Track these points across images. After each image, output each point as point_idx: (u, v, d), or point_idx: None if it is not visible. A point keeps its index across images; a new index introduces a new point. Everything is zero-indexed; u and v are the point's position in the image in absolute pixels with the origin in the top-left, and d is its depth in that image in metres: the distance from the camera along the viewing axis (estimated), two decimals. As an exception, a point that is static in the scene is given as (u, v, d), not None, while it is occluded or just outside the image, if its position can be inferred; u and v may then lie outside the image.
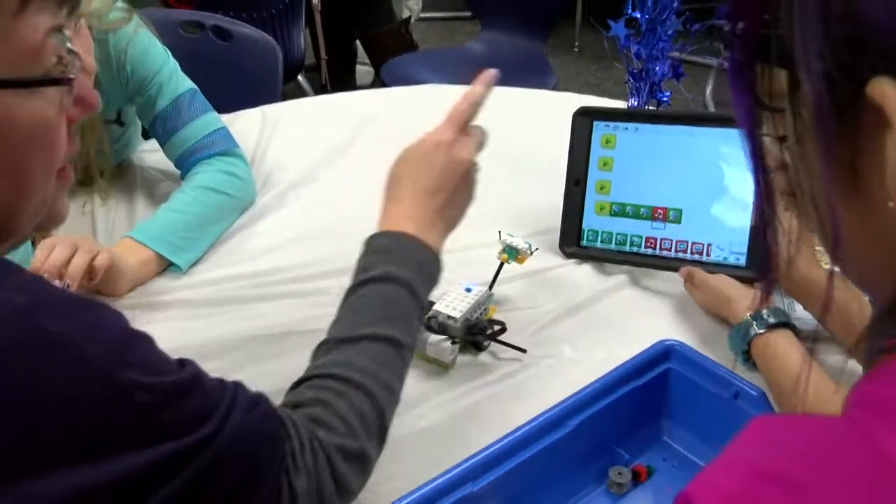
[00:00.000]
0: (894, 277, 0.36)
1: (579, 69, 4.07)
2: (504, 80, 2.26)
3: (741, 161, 1.07)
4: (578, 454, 0.87)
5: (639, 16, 1.22)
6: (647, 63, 1.23)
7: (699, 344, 1.07)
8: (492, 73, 0.91)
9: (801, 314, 1.11)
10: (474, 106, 0.90)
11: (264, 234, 1.28)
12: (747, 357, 1.03)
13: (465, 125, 0.89)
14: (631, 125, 1.17)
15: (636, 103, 1.29)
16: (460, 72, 2.63)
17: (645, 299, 1.17)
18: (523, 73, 2.63)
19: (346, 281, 1.16)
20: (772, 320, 1.02)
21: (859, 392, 0.37)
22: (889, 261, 0.36)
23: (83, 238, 1.09)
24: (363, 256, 0.83)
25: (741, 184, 1.10)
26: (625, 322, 1.13)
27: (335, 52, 2.99)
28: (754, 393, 0.88)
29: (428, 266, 0.84)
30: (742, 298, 1.07)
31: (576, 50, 4.26)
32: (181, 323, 1.11)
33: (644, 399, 0.92)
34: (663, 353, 0.93)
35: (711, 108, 3.57)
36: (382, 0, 3.04)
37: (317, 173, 1.43)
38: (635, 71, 1.25)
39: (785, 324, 1.02)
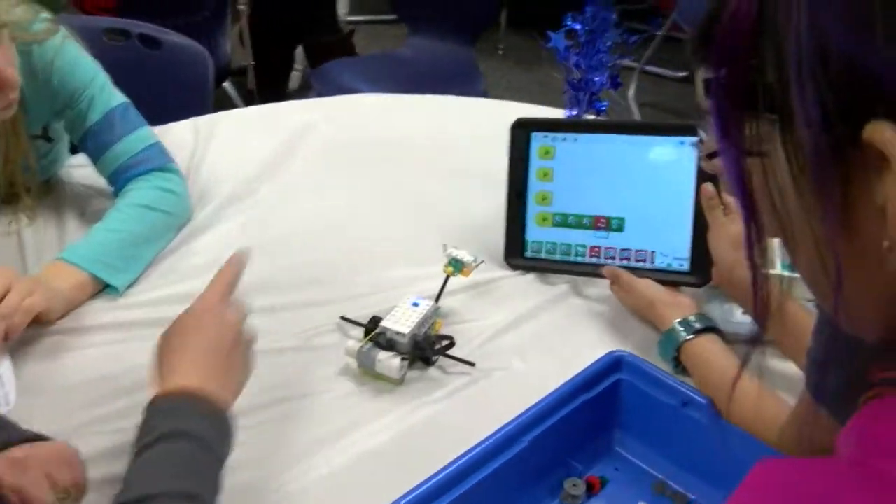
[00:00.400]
0: (884, 316, 0.37)
1: (504, 72, 4.09)
2: (434, 86, 2.29)
3: (681, 168, 1.10)
4: (533, 468, 0.87)
5: (578, 27, 1.23)
6: (587, 74, 1.25)
7: (643, 351, 1.08)
8: (241, 257, 0.91)
9: (740, 318, 1.14)
10: (236, 275, 0.90)
11: (203, 252, 1.25)
12: (677, 363, 1.05)
13: (229, 292, 0.89)
14: (570, 135, 1.18)
15: (575, 113, 1.30)
16: (391, 78, 2.65)
17: (589, 308, 1.18)
18: (453, 78, 2.64)
19: (287, 298, 1.16)
20: (699, 326, 1.04)
21: (860, 432, 0.37)
22: (878, 299, 0.36)
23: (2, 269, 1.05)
24: (147, 419, 0.77)
25: (681, 190, 1.12)
26: (571, 332, 1.14)
27: (271, 58, 2.95)
28: (703, 401, 0.89)
29: (218, 419, 0.79)
30: (668, 303, 1.09)
31: (500, 53, 4.28)
32: (119, 347, 1.07)
33: (596, 410, 0.92)
34: (613, 364, 0.94)
35: (635, 110, 3.63)
36: (327, 10, 3.01)
37: (254, 187, 1.40)
38: (574, 81, 1.27)
39: (711, 328, 1.05)
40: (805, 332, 1.02)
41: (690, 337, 1.04)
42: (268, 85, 2.93)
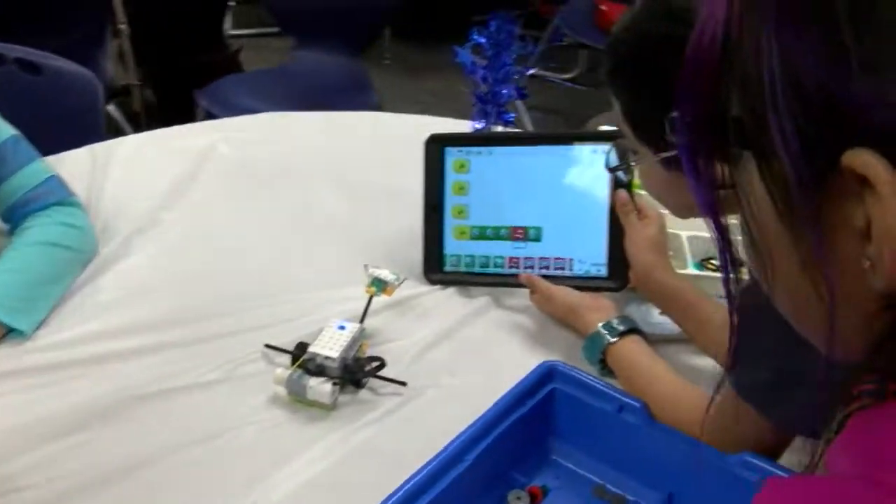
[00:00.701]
0: (864, 335, 0.38)
1: (390, 82, 4.08)
2: (326, 100, 2.27)
3: (595, 176, 1.12)
4: (479, 484, 0.87)
5: (483, 41, 1.24)
6: (494, 86, 1.26)
7: (568, 357, 1.10)
8: None
9: (658, 319, 1.17)
10: None
11: (110, 288, 1.20)
12: (603, 366, 1.08)
13: None
14: (484, 149, 1.19)
15: (483, 125, 1.31)
16: (282, 94, 2.61)
17: (511, 319, 1.19)
18: (344, 91, 2.62)
19: (207, 329, 1.13)
20: (622, 328, 1.07)
21: (858, 445, 0.38)
22: (858, 319, 0.37)
23: None
24: None
25: (596, 198, 1.14)
26: (496, 344, 1.15)
27: (162, 78, 2.86)
28: (638, 405, 0.91)
29: None
30: (590, 308, 1.12)
31: (386, 62, 4.29)
32: (30, 394, 1.02)
33: (533, 422, 0.93)
34: (546, 374, 0.95)
35: (524, 114, 3.69)
36: (213, 26, 2.93)
37: (159, 216, 1.36)
38: (482, 94, 1.28)
39: (634, 329, 1.08)
40: (722, 329, 1.06)
41: (615, 339, 1.06)
42: (167, 107, 2.84)
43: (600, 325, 1.08)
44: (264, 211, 1.40)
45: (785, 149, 0.34)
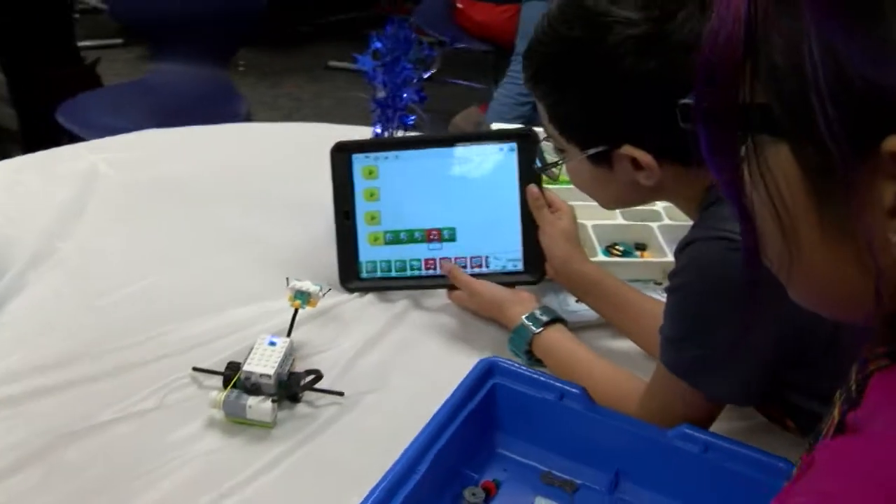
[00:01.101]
0: (872, 301, 0.42)
1: (250, 89, 4.01)
2: (194, 113, 2.22)
3: (503, 174, 1.15)
4: (436, 486, 0.88)
5: (380, 46, 1.25)
6: (393, 91, 1.27)
7: (494, 350, 1.13)
8: None
9: (575, 307, 1.22)
10: None
11: (13, 325, 1.14)
12: (530, 356, 1.11)
13: None
14: (391, 153, 1.19)
15: (381, 130, 1.32)
16: (146, 108, 2.53)
17: (433, 319, 1.21)
18: (212, 102, 2.55)
19: (128, 357, 1.09)
20: (545, 318, 1.11)
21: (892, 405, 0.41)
22: (866, 287, 0.41)
23: None
24: None
25: (506, 194, 1.17)
26: (423, 345, 1.16)
27: (18, 95, 2.69)
28: (577, 391, 0.95)
29: None
30: (512, 301, 1.15)
31: (241, 70, 4.20)
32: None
33: (478, 418, 0.95)
34: (487, 371, 0.98)
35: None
36: (65, 38, 2.78)
37: (53, 245, 1.29)
38: (381, 99, 1.28)
39: (556, 319, 1.12)
40: (639, 311, 1.12)
41: (539, 330, 1.10)
42: (24, 126, 2.68)
43: (524, 317, 1.11)
44: (165, 231, 1.36)
45: (830, 135, 0.37)
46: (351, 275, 1.23)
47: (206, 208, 1.42)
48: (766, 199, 0.42)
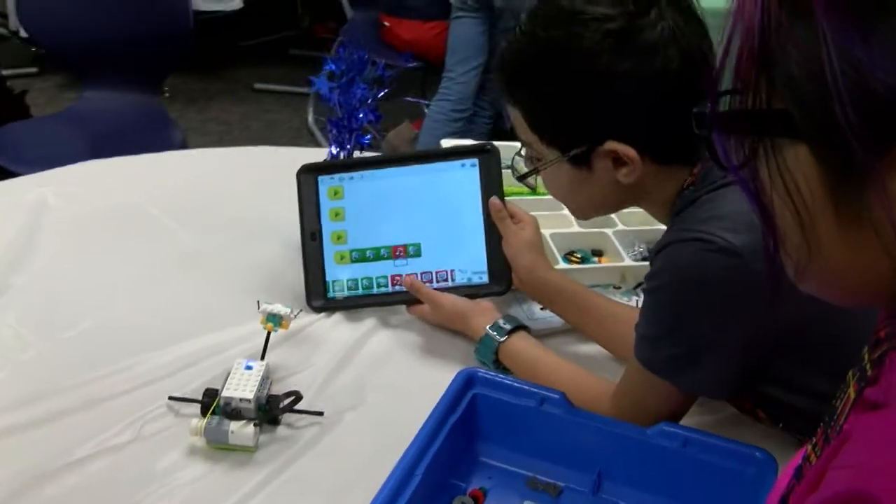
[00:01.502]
0: (886, 287, 0.45)
1: (176, 114, 3.96)
2: (130, 143, 2.18)
3: (465, 188, 1.18)
4: (425, 500, 0.90)
5: (334, 67, 1.27)
6: (348, 111, 1.28)
7: (463, 361, 1.15)
8: None
9: (539, 315, 1.25)
10: None
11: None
12: (498, 365, 1.14)
13: None
14: (356, 174, 1.21)
15: (337, 151, 1.33)
16: (79, 138, 2.48)
17: (399, 336, 1.22)
18: (145, 130, 2.51)
19: (102, 390, 1.07)
20: (508, 326, 1.13)
21: None
22: (887, 273, 0.44)
23: None
24: None
25: (469, 208, 1.19)
26: (394, 361, 1.18)
27: None
28: (557, 396, 0.97)
29: None
30: (476, 312, 1.18)
31: (166, 95, 4.15)
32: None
33: (462, 428, 0.97)
34: (467, 381, 1.00)
35: (316, 133, 3.70)
36: None
37: (8, 282, 1.26)
38: (337, 120, 1.30)
39: (520, 327, 1.15)
40: (604, 314, 1.15)
41: (504, 338, 1.12)
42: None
43: (488, 327, 1.14)
44: (122, 261, 1.34)
45: (853, 136, 0.40)
46: (318, 294, 1.23)
47: (160, 236, 1.41)
48: (786, 197, 0.45)
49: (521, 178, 1.05)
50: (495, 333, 1.13)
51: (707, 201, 0.90)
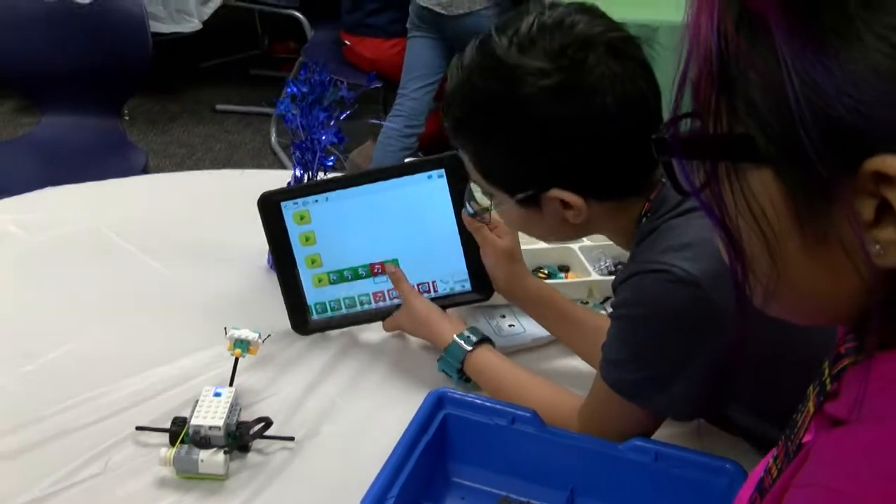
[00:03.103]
0: (853, 304, 0.46)
1: (137, 138, 3.93)
2: (92, 168, 2.15)
3: (436, 200, 1.17)
4: (401, 521, 0.89)
5: (295, 91, 1.26)
6: (311, 134, 1.28)
7: (434, 381, 1.14)
8: None
9: (507, 332, 1.25)
10: None
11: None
12: (460, 375, 1.14)
13: None
14: (320, 196, 1.19)
15: (302, 173, 1.32)
16: (37, 165, 2.45)
17: (371, 355, 1.22)
18: (106, 155, 2.48)
19: (68, 422, 1.05)
20: (474, 338, 1.13)
21: (873, 396, 0.44)
22: (850, 291, 0.45)
23: None
24: None
25: (442, 220, 1.18)
26: (363, 381, 1.17)
27: None
28: (528, 414, 0.98)
29: None
30: (442, 318, 1.17)
31: (126, 118, 4.11)
32: None
33: (434, 449, 0.97)
34: (438, 402, 1.00)
35: (279, 153, 3.69)
36: None
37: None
38: (300, 143, 1.29)
39: (486, 339, 1.14)
40: (581, 321, 1.16)
41: (471, 349, 1.12)
42: None
43: (456, 335, 1.13)
44: (88, 289, 1.33)
45: (817, 160, 0.40)
46: (301, 319, 1.22)
47: (124, 263, 1.39)
48: (752, 220, 0.45)
49: (475, 216, 1.06)
50: (463, 342, 1.13)
51: (667, 230, 0.91)
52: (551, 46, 0.88)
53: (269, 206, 1.19)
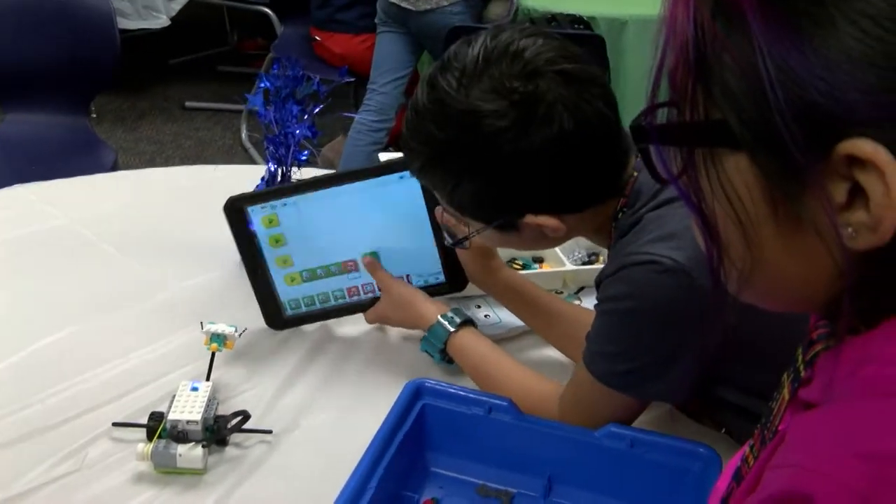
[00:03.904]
0: (826, 288, 0.46)
1: (105, 135, 3.88)
2: (60, 166, 2.13)
3: (408, 199, 1.18)
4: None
5: (268, 85, 1.26)
6: (285, 128, 1.28)
7: (411, 371, 1.15)
8: None
9: (483, 321, 1.26)
10: None
11: None
12: (443, 355, 1.14)
13: None
14: (289, 200, 1.17)
15: (275, 168, 1.32)
16: (5, 163, 2.40)
17: (347, 348, 1.22)
18: (75, 153, 2.45)
19: (43, 420, 1.04)
20: (458, 319, 1.13)
21: (846, 376, 0.45)
22: (823, 275, 0.46)
23: None
24: None
25: (415, 216, 1.18)
26: (340, 374, 1.17)
27: None
28: (505, 403, 0.99)
29: None
30: (425, 299, 1.17)
31: (93, 116, 4.07)
32: None
33: (412, 439, 0.97)
34: (415, 393, 1.00)
35: (250, 149, 3.67)
36: None
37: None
38: (273, 137, 1.29)
39: (470, 320, 1.15)
40: (555, 311, 1.17)
41: (455, 329, 1.12)
42: None
43: (440, 315, 1.13)
44: (61, 287, 1.32)
45: (792, 145, 0.41)
46: (276, 316, 1.22)
47: (97, 260, 1.39)
48: (727, 206, 0.46)
49: (455, 245, 1.07)
50: (447, 323, 1.13)
51: (651, 221, 0.91)
52: (500, 81, 0.87)
53: (235, 210, 1.17)
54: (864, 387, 0.43)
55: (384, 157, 1.47)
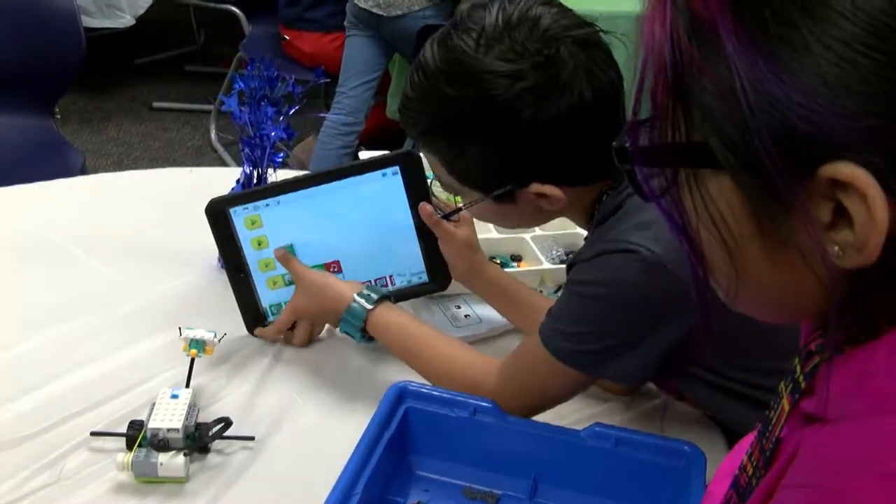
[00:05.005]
0: (817, 302, 0.46)
1: (71, 137, 3.82)
2: (24, 170, 2.09)
3: (391, 197, 1.17)
4: (367, 516, 0.89)
5: (243, 86, 1.25)
6: (260, 130, 1.26)
7: (385, 373, 1.14)
8: None
9: (463, 322, 1.25)
10: None
11: None
12: (363, 334, 1.11)
13: None
14: (271, 200, 1.16)
15: (251, 170, 1.31)
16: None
17: (326, 352, 1.21)
18: (40, 156, 2.41)
19: (20, 430, 1.02)
20: (375, 296, 1.10)
21: (844, 393, 0.45)
22: (814, 290, 0.46)
23: None
24: None
25: (398, 215, 1.17)
26: (318, 377, 1.16)
27: None
28: (489, 405, 0.98)
29: None
30: (338, 281, 1.14)
31: (58, 117, 4.00)
32: None
33: (396, 443, 0.97)
34: (399, 396, 0.99)
35: (220, 150, 3.63)
36: None
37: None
38: (248, 139, 1.27)
39: (386, 296, 1.12)
40: (538, 308, 1.16)
41: (373, 306, 1.09)
42: None
43: (355, 294, 1.10)
44: (32, 295, 1.29)
45: (773, 168, 0.41)
46: (258, 322, 1.21)
47: (69, 266, 1.36)
48: (711, 226, 0.46)
49: (446, 217, 1.05)
50: (363, 301, 1.09)
51: (632, 208, 0.92)
52: (522, 44, 0.87)
53: (218, 212, 1.15)
54: (874, 403, 0.43)
55: (364, 155, 1.46)
